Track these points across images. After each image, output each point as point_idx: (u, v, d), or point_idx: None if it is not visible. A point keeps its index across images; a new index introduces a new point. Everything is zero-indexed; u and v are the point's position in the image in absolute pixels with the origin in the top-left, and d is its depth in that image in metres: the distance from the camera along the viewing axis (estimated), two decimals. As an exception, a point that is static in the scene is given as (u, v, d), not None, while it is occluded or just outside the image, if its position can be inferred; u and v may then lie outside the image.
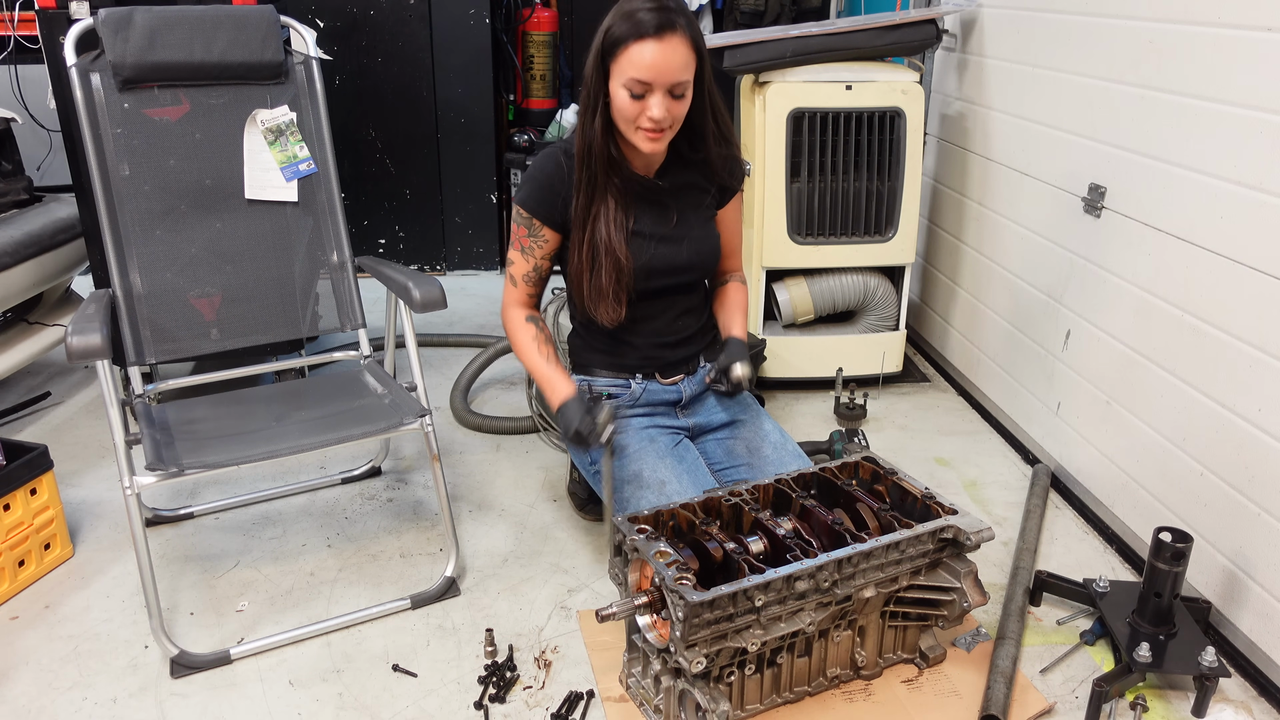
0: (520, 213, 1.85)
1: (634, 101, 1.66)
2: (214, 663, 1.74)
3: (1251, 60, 1.70)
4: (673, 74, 1.64)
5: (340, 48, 3.80)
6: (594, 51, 1.69)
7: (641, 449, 1.86)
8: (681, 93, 1.68)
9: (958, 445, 2.63)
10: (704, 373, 2.00)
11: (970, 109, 2.87)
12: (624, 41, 1.63)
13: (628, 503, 1.83)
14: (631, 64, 1.63)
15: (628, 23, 1.63)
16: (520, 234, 1.86)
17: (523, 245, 1.87)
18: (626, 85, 1.65)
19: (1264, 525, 1.70)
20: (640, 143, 1.72)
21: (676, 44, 1.63)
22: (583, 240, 1.81)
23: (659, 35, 1.61)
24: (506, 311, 1.94)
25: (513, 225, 1.88)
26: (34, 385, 2.95)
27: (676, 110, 1.69)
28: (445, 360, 3.17)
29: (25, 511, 1.95)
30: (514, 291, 1.92)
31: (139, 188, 1.97)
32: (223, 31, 2.01)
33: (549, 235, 1.85)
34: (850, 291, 2.85)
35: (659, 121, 1.67)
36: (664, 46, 1.62)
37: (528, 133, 4.07)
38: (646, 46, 1.61)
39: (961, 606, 1.62)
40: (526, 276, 1.89)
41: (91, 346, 1.60)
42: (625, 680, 1.67)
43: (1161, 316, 1.97)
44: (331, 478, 2.40)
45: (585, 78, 1.72)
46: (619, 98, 1.68)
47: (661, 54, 1.62)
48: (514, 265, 1.90)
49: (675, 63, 1.63)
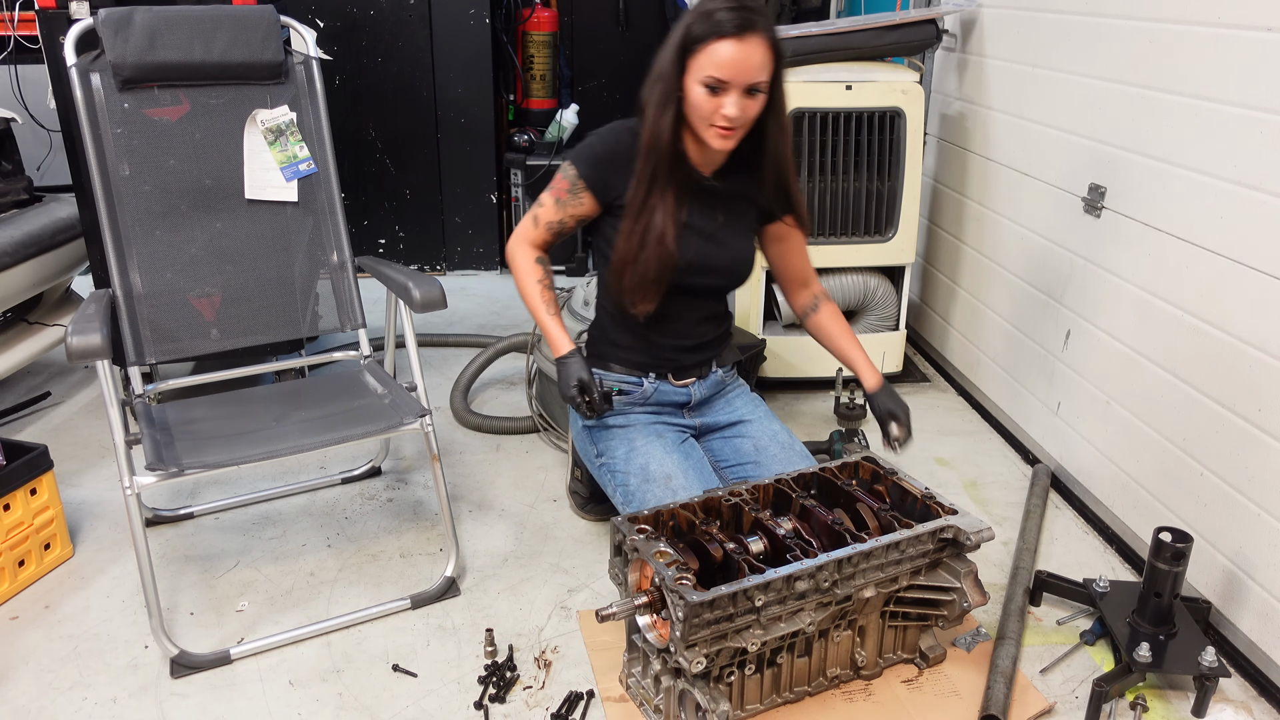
0: (571, 169, 1.83)
1: (710, 98, 1.66)
2: (214, 663, 1.74)
3: (1251, 60, 1.70)
4: (750, 73, 1.64)
5: (340, 48, 3.80)
6: (672, 47, 1.69)
7: (649, 443, 1.87)
8: (757, 92, 1.68)
9: (958, 445, 2.63)
10: (715, 377, 2.01)
11: (970, 109, 2.87)
12: (705, 39, 1.64)
13: (633, 495, 1.84)
14: (711, 61, 1.63)
15: (709, 21, 1.63)
16: (562, 186, 1.85)
17: (559, 197, 1.85)
18: (704, 81, 1.65)
19: (1264, 525, 1.70)
20: (711, 139, 1.71)
21: (756, 44, 1.63)
22: (633, 229, 1.79)
23: (740, 34, 1.62)
24: (516, 246, 1.90)
25: (558, 174, 1.86)
26: (34, 385, 2.95)
27: (750, 110, 1.69)
28: (445, 360, 3.17)
29: (25, 511, 1.95)
30: (531, 231, 1.89)
31: (139, 188, 1.97)
32: (223, 31, 2.01)
33: (588, 202, 1.84)
34: (850, 291, 2.85)
35: (733, 119, 1.67)
36: (744, 45, 1.62)
37: (528, 133, 4.07)
38: (726, 45, 1.62)
39: (961, 606, 1.62)
40: (550, 225, 1.87)
41: (91, 346, 1.60)
42: (625, 680, 1.67)
43: (1161, 316, 1.97)
44: (331, 478, 2.40)
45: (659, 73, 1.72)
46: (695, 94, 1.67)
47: (741, 52, 1.62)
48: (543, 209, 1.87)
49: (753, 62, 1.63)
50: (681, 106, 1.72)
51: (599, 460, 1.94)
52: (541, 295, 1.87)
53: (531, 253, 1.89)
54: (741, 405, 2.04)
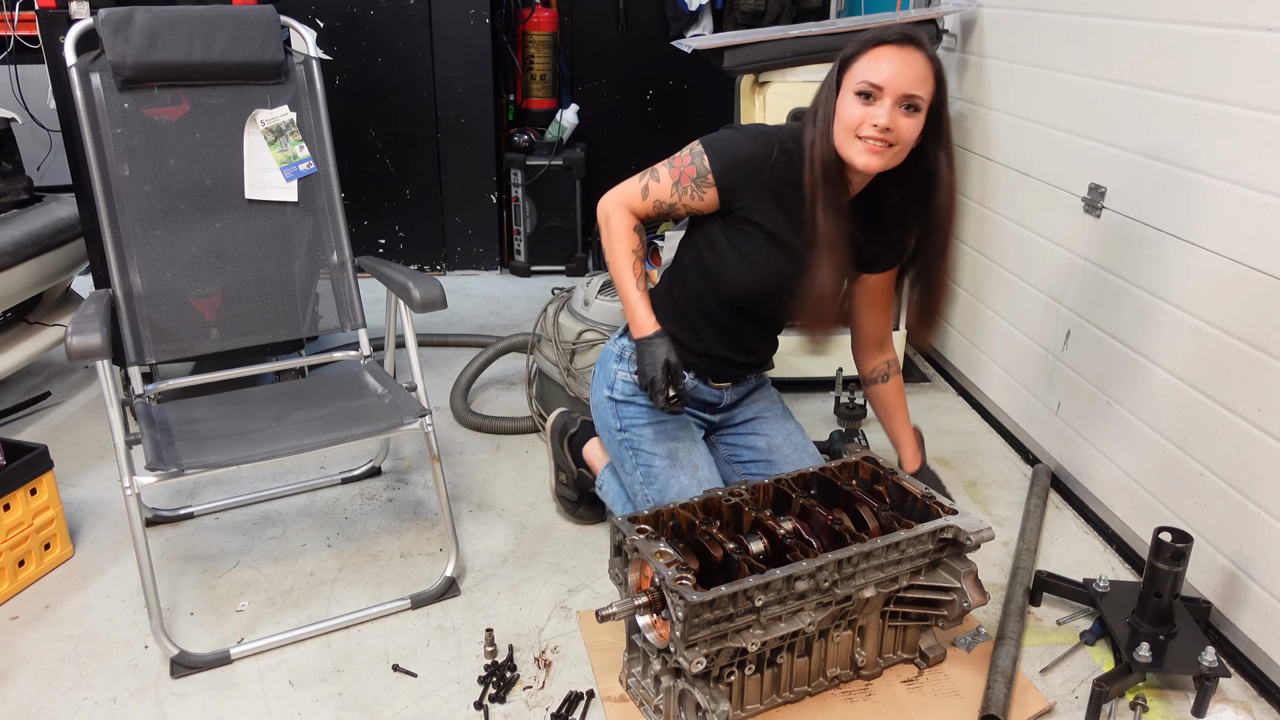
0: (703, 159, 1.70)
1: (861, 106, 1.57)
2: (214, 663, 1.74)
3: (1251, 60, 1.70)
4: (907, 83, 1.55)
5: (340, 48, 3.80)
6: (832, 70, 1.64)
7: (680, 429, 1.88)
8: (915, 110, 1.58)
9: (958, 445, 2.63)
10: (747, 384, 2.01)
11: (970, 109, 2.87)
12: (864, 48, 1.59)
13: (656, 477, 1.83)
14: (866, 67, 1.57)
15: (869, 36, 1.59)
16: (688, 171, 1.72)
17: (680, 182, 1.72)
18: (857, 89, 1.58)
19: (1264, 525, 1.70)
20: (856, 156, 1.60)
21: (916, 57, 1.57)
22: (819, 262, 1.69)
23: (900, 44, 1.57)
24: (615, 208, 1.78)
25: (685, 153, 1.73)
26: (34, 385, 2.95)
27: (904, 127, 1.58)
28: (445, 360, 3.17)
29: (25, 511, 1.95)
30: (637, 201, 1.77)
31: (139, 188, 1.97)
32: (223, 31, 2.01)
33: (709, 198, 1.73)
34: (850, 291, 2.85)
35: (883, 130, 1.56)
36: (903, 54, 1.56)
37: (528, 133, 4.07)
38: (884, 51, 1.57)
39: (961, 606, 1.62)
40: (659, 204, 1.76)
41: (91, 346, 1.60)
42: (625, 680, 1.67)
43: (1161, 316, 1.97)
44: (331, 478, 2.40)
45: (822, 96, 1.65)
46: (845, 105, 1.60)
47: (899, 59, 1.55)
48: (658, 184, 1.74)
49: (912, 73, 1.55)
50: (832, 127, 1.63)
51: (621, 435, 1.90)
52: (634, 268, 1.78)
53: (630, 220, 1.78)
54: (761, 402, 2.04)
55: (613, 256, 1.80)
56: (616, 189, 1.80)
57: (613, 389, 1.94)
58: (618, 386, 1.93)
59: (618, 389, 1.93)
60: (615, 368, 1.94)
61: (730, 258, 1.78)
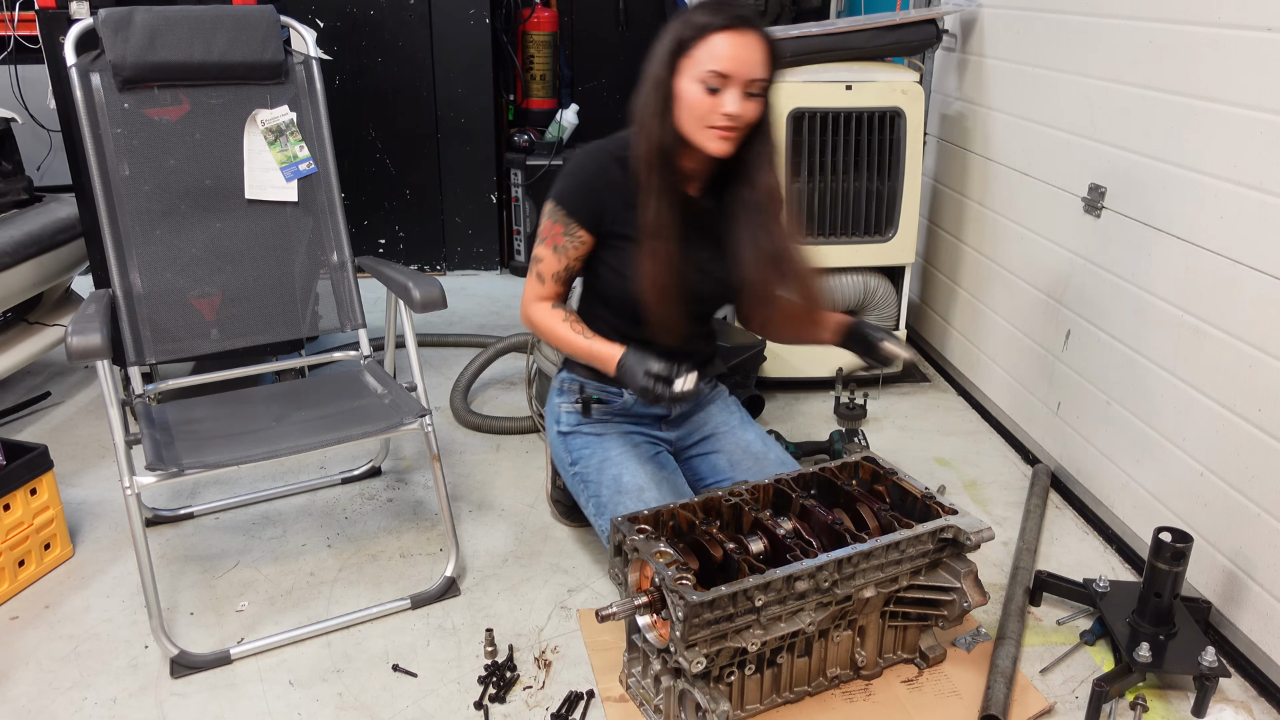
0: (557, 209, 1.75)
1: (708, 96, 1.59)
2: (214, 663, 1.74)
3: (1251, 60, 1.70)
4: (751, 68, 1.58)
5: (340, 48, 3.80)
6: (663, 51, 1.62)
7: (624, 454, 1.85)
8: (757, 93, 1.61)
9: (958, 445, 2.63)
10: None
11: (970, 109, 2.87)
12: (701, 34, 1.57)
13: (605, 507, 1.83)
14: (710, 55, 1.57)
15: (700, 19, 1.58)
16: (555, 230, 1.76)
17: (556, 243, 1.77)
18: (701, 79, 1.58)
19: (1264, 525, 1.70)
20: (708, 142, 1.62)
21: (754, 39, 1.58)
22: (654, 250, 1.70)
23: (737, 27, 1.57)
24: (531, 307, 1.83)
25: (544, 221, 1.78)
26: (34, 385, 2.95)
27: (750, 111, 1.61)
28: (445, 360, 3.17)
29: (25, 511, 1.95)
30: (541, 289, 1.82)
31: (139, 188, 1.97)
32: (223, 31, 2.01)
33: (585, 237, 1.77)
34: (850, 291, 2.85)
35: (734, 117, 1.59)
36: (744, 39, 1.57)
37: (528, 133, 4.07)
38: (724, 37, 1.56)
39: (961, 606, 1.62)
40: (557, 275, 1.80)
41: (91, 346, 1.60)
42: (625, 680, 1.67)
43: (1161, 316, 1.97)
44: (331, 478, 2.40)
45: (652, 80, 1.64)
46: (690, 94, 1.60)
47: (740, 43, 1.56)
48: (543, 263, 1.79)
49: (754, 58, 1.57)
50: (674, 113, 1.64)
51: (573, 469, 1.92)
52: (573, 328, 1.80)
53: (548, 307, 1.82)
54: (716, 417, 2.00)
55: (556, 338, 1.82)
56: (524, 298, 1.85)
57: (559, 423, 1.96)
58: (563, 419, 1.95)
59: (564, 422, 1.95)
60: (558, 401, 1.97)
61: (609, 275, 1.81)
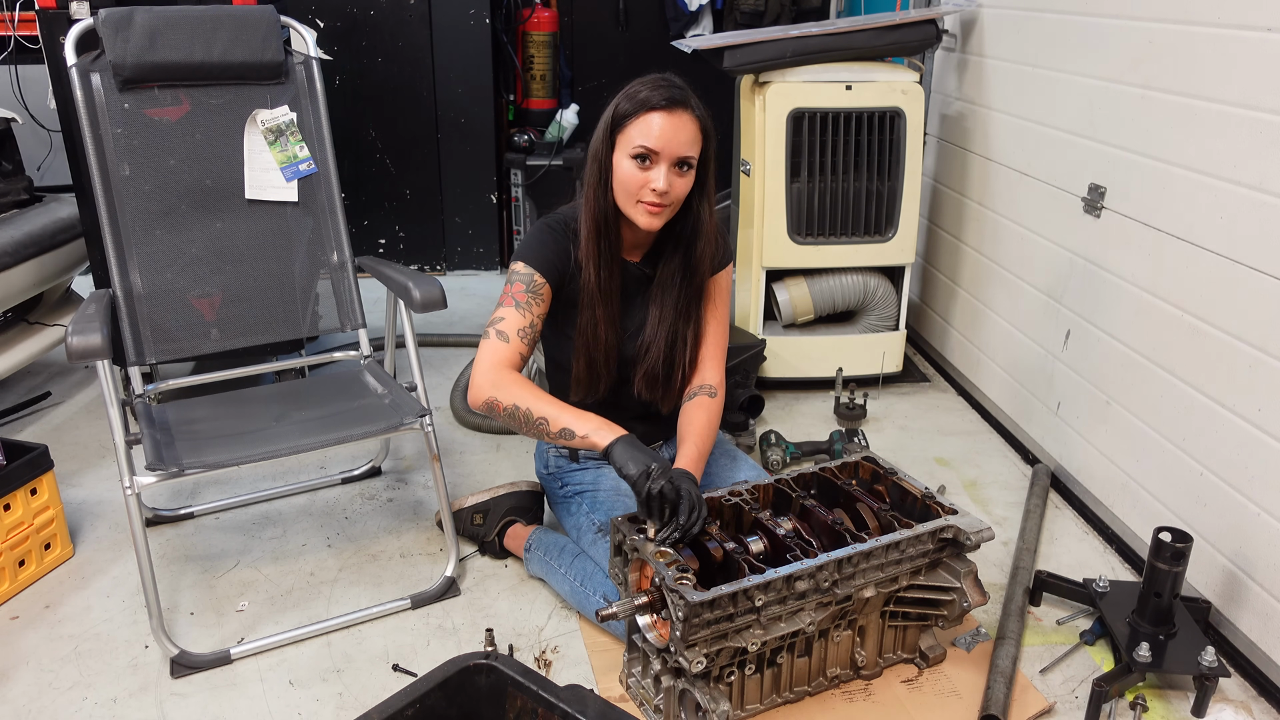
0: (521, 269, 1.72)
1: (639, 172, 1.63)
2: (214, 663, 1.74)
3: (1251, 60, 1.70)
4: (680, 147, 1.62)
5: (340, 48, 3.80)
6: (603, 125, 1.67)
7: (612, 503, 1.85)
8: (687, 168, 1.65)
9: (958, 445, 2.63)
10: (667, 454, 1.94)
11: (970, 109, 2.87)
12: (634, 113, 1.63)
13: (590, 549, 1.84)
14: (640, 132, 1.61)
15: (637, 97, 1.63)
16: (517, 289, 1.71)
17: (518, 300, 1.70)
18: (633, 153, 1.62)
19: (1264, 525, 1.70)
20: (639, 216, 1.67)
21: (686, 119, 1.62)
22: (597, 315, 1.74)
23: (669, 108, 1.61)
24: (497, 373, 1.65)
25: (506, 285, 1.73)
26: (34, 385, 2.95)
27: (679, 186, 1.65)
28: (445, 360, 3.17)
29: (25, 511, 1.95)
30: (505, 349, 1.67)
31: (139, 188, 1.97)
32: (223, 31, 2.01)
33: (547, 295, 1.74)
34: (850, 291, 2.85)
35: (662, 194, 1.63)
36: (673, 118, 1.61)
37: (528, 133, 4.07)
38: (656, 116, 1.61)
39: (961, 606, 1.62)
40: (522, 332, 1.69)
41: (91, 346, 1.60)
42: (625, 680, 1.67)
43: (1161, 316, 1.97)
44: (331, 478, 2.40)
45: (593, 152, 1.69)
46: (623, 169, 1.64)
47: (670, 124, 1.61)
48: (505, 321, 1.69)
49: (683, 136, 1.62)
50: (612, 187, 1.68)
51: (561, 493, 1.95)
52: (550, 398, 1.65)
53: (513, 372, 1.67)
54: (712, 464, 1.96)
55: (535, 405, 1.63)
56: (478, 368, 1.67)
57: (547, 467, 1.99)
58: (551, 464, 1.99)
59: (551, 465, 1.98)
60: (546, 446, 1.99)
61: (563, 341, 1.82)
